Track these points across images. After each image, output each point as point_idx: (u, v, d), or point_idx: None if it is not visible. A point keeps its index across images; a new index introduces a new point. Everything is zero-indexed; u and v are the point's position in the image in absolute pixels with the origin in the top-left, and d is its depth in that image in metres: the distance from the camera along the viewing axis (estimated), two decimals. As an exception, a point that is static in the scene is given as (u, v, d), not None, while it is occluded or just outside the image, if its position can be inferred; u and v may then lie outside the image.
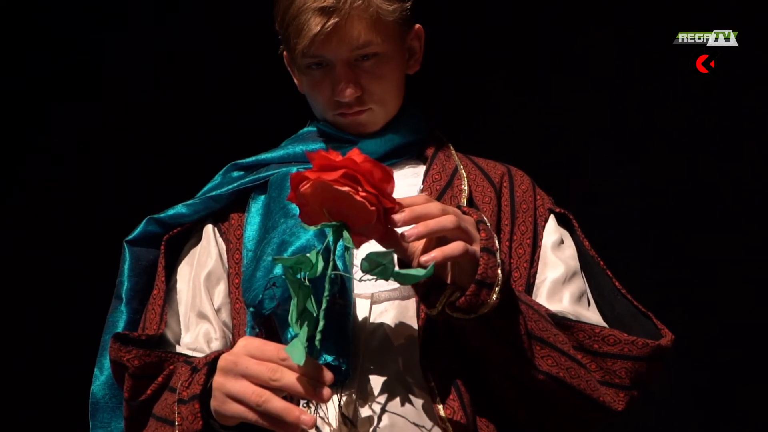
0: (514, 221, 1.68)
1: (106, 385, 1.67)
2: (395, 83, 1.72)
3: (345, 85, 1.65)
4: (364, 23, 1.62)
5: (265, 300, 1.51)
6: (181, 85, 2.49)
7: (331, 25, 1.59)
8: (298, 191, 1.31)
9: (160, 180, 2.37)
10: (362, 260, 1.32)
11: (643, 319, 1.59)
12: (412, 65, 1.77)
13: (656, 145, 2.31)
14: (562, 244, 1.69)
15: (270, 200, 1.66)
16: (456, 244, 1.34)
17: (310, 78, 1.69)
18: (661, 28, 2.08)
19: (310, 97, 1.74)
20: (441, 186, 1.67)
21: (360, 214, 1.31)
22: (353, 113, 1.69)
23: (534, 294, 1.63)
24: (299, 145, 1.74)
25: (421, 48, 1.78)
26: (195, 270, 1.69)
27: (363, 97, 1.67)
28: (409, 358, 1.51)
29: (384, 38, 1.65)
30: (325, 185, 1.29)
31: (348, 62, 1.65)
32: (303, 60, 1.66)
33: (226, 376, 1.33)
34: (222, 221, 1.72)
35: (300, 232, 1.55)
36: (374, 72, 1.67)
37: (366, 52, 1.64)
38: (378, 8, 1.63)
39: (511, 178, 1.74)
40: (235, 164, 1.78)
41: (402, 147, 1.73)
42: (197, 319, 1.65)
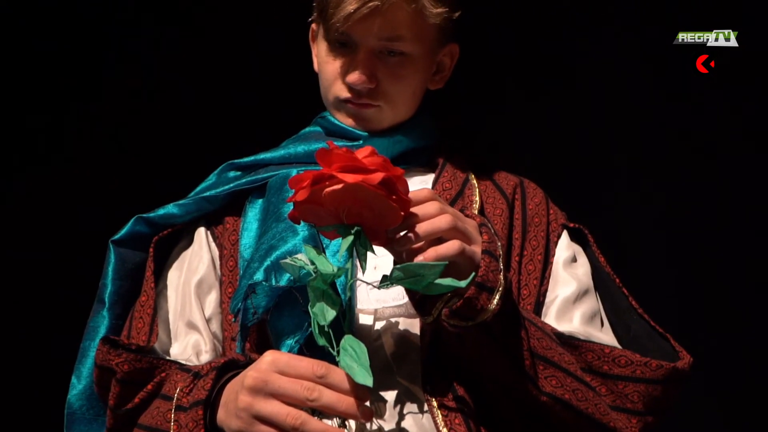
0: (525, 235, 1.60)
1: (83, 394, 1.57)
2: (412, 89, 1.64)
3: (361, 73, 1.57)
4: (402, 15, 1.54)
5: (248, 310, 1.43)
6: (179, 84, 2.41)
7: (371, 6, 1.51)
8: (317, 190, 1.22)
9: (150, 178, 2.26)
10: (394, 269, 1.24)
11: (661, 340, 1.51)
12: (436, 81, 1.70)
13: (681, 160, 2.26)
14: (575, 262, 1.61)
15: (269, 205, 1.57)
16: (451, 243, 1.28)
17: (330, 54, 1.61)
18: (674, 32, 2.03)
19: (322, 75, 1.65)
20: (452, 195, 1.59)
21: (385, 219, 1.25)
22: (360, 104, 1.61)
23: (543, 313, 1.55)
24: (301, 145, 1.66)
25: (450, 67, 1.71)
26: (185, 276, 1.60)
27: (375, 91, 1.59)
28: (413, 377, 1.43)
29: (417, 39, 1.58)
30: (359, 187, 1.21)
31: (373, 51, 1.58)
32: (331, 34, 1.58)
33: (254, 396, 1.24)
34: (216, 224, 1.63)
35: (288, 236, 1.47)
36: (395, 71, 1.59)
37: (394, 47, 1.57)
38: (423, 5, 1.55)
39: (523, 191, 1.66)
40: (231, 163, 1.69)
41: (411, 152, 1.65)
42: (186, 328, 1.56)
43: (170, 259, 1.64)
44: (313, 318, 1.25)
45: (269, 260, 1.44)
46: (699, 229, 2.21)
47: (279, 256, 1.44)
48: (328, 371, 1.22)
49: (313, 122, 1.72)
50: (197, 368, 1.39)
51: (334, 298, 1.24)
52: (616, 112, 2.24)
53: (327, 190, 1.22)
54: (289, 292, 1.41)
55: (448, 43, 1.67)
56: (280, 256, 1.44)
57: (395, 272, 1.24)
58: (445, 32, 1.63)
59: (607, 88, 2.24)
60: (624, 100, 2.25)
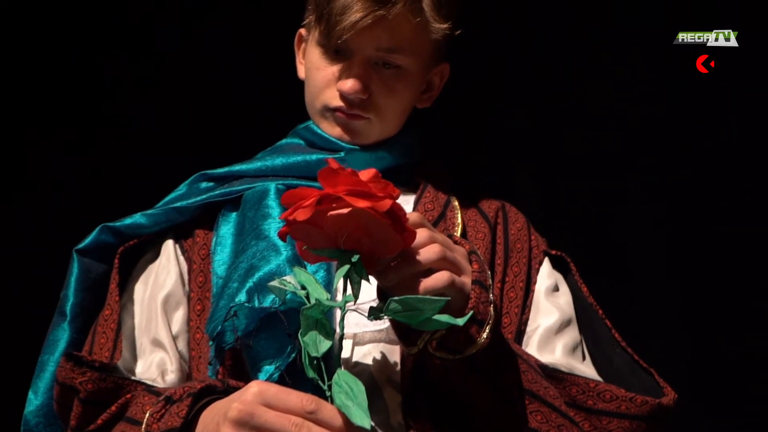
0: (507, 261, 1.57)
1: (40, 411, 1.50)
2: (403, 105, 1.60)
3: (355, 82, 1.53)
4: (405, 28, 1.52)
5: (226, 332, 1.37)
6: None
7: (377, 16, 1.48)
8: (321, 211, 1.17)
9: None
10: (391, 300, 1.18)
11: (643, 374, 1.48)
12: (424, 99, 1.67)
13: (680, 160, 2.23)
14: (556, 291, 1.58)
15: (244, 219, 1.51)
16: (440, 274, 1.24)
17: (323, 60, 1.57)
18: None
19: (311, 81, 1.60)
20: (434, 217, 1.55)
21: (384, 248, 1.20)
22: (350, 115, 1.56)
23: (524, 343, 1.52)
24: (279, 157, 1.60)
25: (439, 87, 1.68)
26: (151, 290, 1.54)
27: (367, 103, 1.55)
28: (392, 406, 1.38)
29: (415, 54, 1.55)
30: (364, 213, 1.16)
31: (369, 61, 1.54)
32: (332, 41, 1.53)
33: (238, 429, 1.15)
34: (185, 237, 1.57)
35: (270, 255, 1.42)
36: (389, 84, 1.55)
37: (391, 59, 1.54)
38: (428, 19, 1.53)
39: (505, 215, 1.63)
40: (204, 174, 1.63)
41: (392, 169, 1.60)
42: (151, 346, 1.50)
43: (136, 272, 1.57)
44: (304, 348, 1.19)
45: (251, 281, 1.38)
46: (700, 234, 2.19)
47: (262, 277, 1.38)
48: (318, 407, 1.15)
49: (291, 134, 1.66)
50: (168, 392, 1.32)
51: (329, 329, 1.19)
52: (616, 112, 2.22)
53: (332, 213, 1.17)
54: (271, 314, 1.36)
55: (442, 61, 1.64)
56: (263, 276, 1.38)
57: (392, 304, 1.19)
58: (440, 50, 1.61)
59: (607, 89, 2.22)
60: (624, 100, 2.23)
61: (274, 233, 1.45)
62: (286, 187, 1.55)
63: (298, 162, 1.59)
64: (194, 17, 2.20)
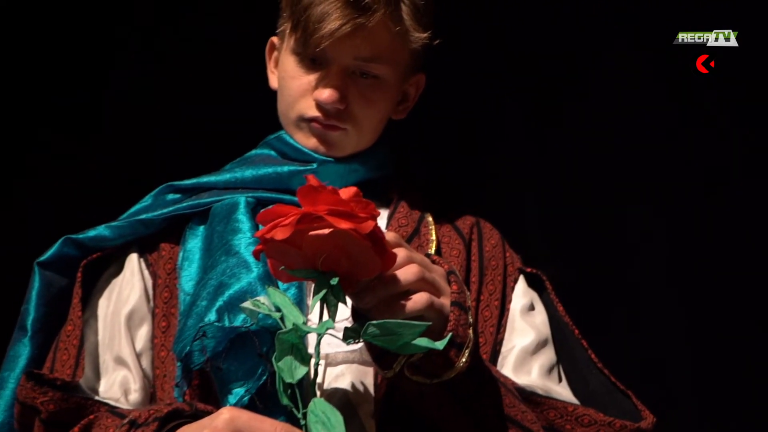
0: (483, 279, 1.53)
1: (1, 429, 1.45)
2: (380, 116, 1.57)
3: (333, 92, 1.49)
4: (384, 36, 1.48)
5: (194, 353, 1.32)
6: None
7: (356, 24, 1.44)
8: (301, 230, 1.13)
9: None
10: (370, 324, 1.15)
11: (620, 397, 1.45)
12: (400, 110, 1.63)
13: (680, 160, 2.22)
14: (532, 310, 1.55)
15: (213, 234, 1.47)
16: (419, 296, 1.21)
17: (299, 69, 1.53)
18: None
19: (286, 90, 1.55)
20: (407, 233, 1.52)
21: (362, 270, 1.16)
22: (326, 126, 1.52)
23: (500, 363, 1.49)
24: (249, 169, 1.56)
25: (414, 98, 1.65)
26: (114, 305, 1.49)
27: (344, 113, 1.51)
28: (366, 430, 1.35)
29: (393, 63, 1.52)
30: (346, 235, 1.12)
31: (346, 70, 1.50)
32: (308, 49, 1.49)
33: None
34: (150, 251, 1.52)
35: (241, 272, 1.37)
36: (366, 94, 1.52)
37: (369, 68, 1.50)
38: (407, 28, 1.50)
39: (480, 231, 1.60)
40: (170, 185, 1.58)
41: (365, 182, 1.56)
42: (114, 364, 1.45)
43: (99, 286, 1.52)
44: (278, 373, 1.15)
45: (222, 299, 1.34)
46: (704, 245, 2.18)
47: (232, 295, 1.34)
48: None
49: (262, 144, 1.62)
50: (133, 414, 1.28)
51: (305, 354, 1.15)
52: (615, 113, 2.21)
53: (312, 233, 1.13)
54: (242, 334, 1.32)
55: (418, 72, 1.61)
56: (234, 295, 1.34)
57: (370, 328, 1.15)
58: (417, 60, 1.57)
59: (606, 89, 2.21)
60: (622, 100, 2.22)
61: (245, 249, 1.41)
62: (256, 200, 1.51)
63: (269, 174, 1.54)
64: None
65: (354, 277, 1.18)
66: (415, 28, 1.51)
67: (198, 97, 2.11)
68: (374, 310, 1.21)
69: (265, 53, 1.65)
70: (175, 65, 2.15)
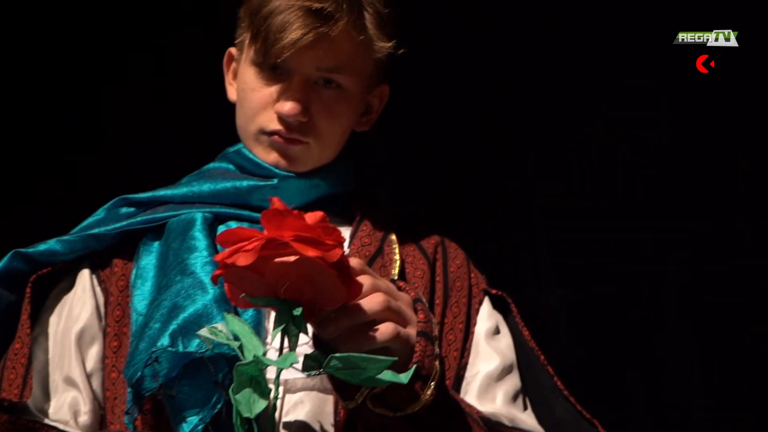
0: (447, 301, 1.49)
1: None
2: (343, 128, 1.52)
3: (295, 104, 1.44)
4: (348, 45, 1.44)
5: (146, 378, 1.27)
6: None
7: (319, 33, 1.40)
8: (265, 257, 1.07)
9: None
10: (332, 357, 1.10)
11: (586, 425, 1.43)
12: (363, 122, 1.58)
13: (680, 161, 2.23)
14: (497, 333, 1.51)
15: (168, 251, 1.41)
16: (384, 326, 1.16)
17: (259, 80, 1.47)
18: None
19: (245, 103, 1.50)
20: (371, 252, 1.47)
21: (326, 299, 1.12)
22: (288, 140, 1.47)
23: (463, 390, 1.45)
24: (206, 183, 1.50)
25: (378, 110, 1.60)
26: (65, 323, 1.43)
27: (306, 126, 1.46)
28: None
29: (356, 73, 1.48)
30: (312, 263, 1.07)
31: (308, 81, 1.45)
32: (269, 59, 1.45)
33: None
34: (102, 267, 1.46)
35: (196, 294, 1.33)
36: (329, 106, 1.47)
37: (333, 77, 1.45)
38: (371, 37, 1.46)
39: (444, 251, 1.55)
40: (125, 198, 1.53)
41: (327, 198, 1.52)
42: (64, 384, 1.39)
43: (49, 302, 1.46)
44: (235, 406, 1.10)
45: (175, 322, 1.29)
46: (719, 277, 2.18)
47: (187, 318, 1.29)
48: None
49: (220, 157, 1.56)
50: None
51: (264, 387, 1.10)
52: (614, 114, 2.22)
53: (277, 260, 1.08)
54: (197, 359, 1.27)
55: (382, 82, 1.57)
56: (188, 318, 1.29)
57: (333, 361, 1.10)
58: (381, 70, 1.53)
59: (605, 89, 2.22)
60: (622, 100, 2.23)
61: (201, 268, 1.36)
62: (213, 216, 1.46)
63: (228, 189, 1.49)
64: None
65: (317, 306, 1.13)
66: (379, 37, 1.48)
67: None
68: (337, 340, 1.17)
69: (223, 64, 1.60)
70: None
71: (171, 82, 2.07)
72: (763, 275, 2.12)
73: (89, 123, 2.12)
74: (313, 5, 1.40)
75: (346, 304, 1.15)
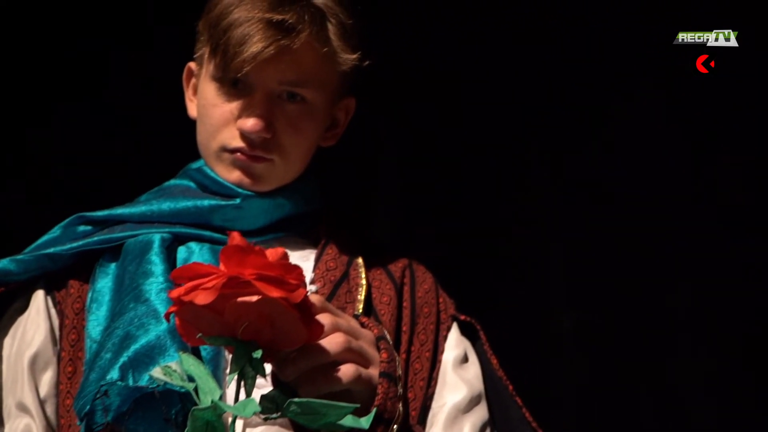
0: (414, 328, 1.45)
1: None
2: (308, 144, 1.46)
3: (258, 120, 1.39)
4: (311, 58, 1.39)
5: (96, 412, 1.23)
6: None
7: (281, 46, 1.35)
8: (226, 296, 1.03)
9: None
10: (291, 402, 1.06)
11: None
12: (329, 137, 1.53)
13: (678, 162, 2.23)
14: (465, 362, 1.47)
15: (124, 274, 1.36)
16: (345, 368, 1.15)
17: (220, 96, 1.42)
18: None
19: (206, 119, 1.45)
20: (336, 277, 1.42)
21: (285, 341, 1.09)
22: (251, 157, 1.41)
23: (429, 421, 1.40)
24: (166, 201, 1.45)
25: (344, 124, 1.54)
26: (18, 346, 1.39)
27: (270, 143, 1.41)
28: None
29: (321, 86, 1.42)
30: (274, 303, 1.03)
31: (271, 95, 1.40)
32: (229, 74, 1.39)
33: None
34: (58, 288, 1.41)
35: (150, 324, 1.27)
36: (294, 121, 1.41)
37: (296, 91, 1.40)
38: (335, 49, 1.41)
39: (412, 275, 1.51)
40: (82, 216, 1.47)
41: (291, 218, 1.47)
42: (17, 410, 1.35)
43: (2, 323, 1.42)
44: None
45: (126, 354, 1.24)
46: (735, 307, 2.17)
47: (138, 351, 1.24)
48: None
49: (181, 174, 1.51)
50: None
51: None
52: (614, 114, 2.21)
53: (240, 300, 1.03)
54: (149, 393, 1.23)
55: (347, 95, 1.51)
56: (140, 350, 1.24)
57: (291, 406, 1.06)
58: (346, 83, 1.48)
59: (604, 90, 2.20)
60: (621, 100, 2.21)
61: (156, 295, 1.31)
62: (173, 236, 1.41)
63: (189, 208, 1.44)
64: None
65: (276, 347, 1.10)
66: (343, 48, 1.42)
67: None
68: (296, 382, 1.13)
69: (182, 80, 1.54)
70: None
71: (128, 98, 2.02)
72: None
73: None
74: (274, 17, 1.35)
75: (305, 345, 1.11)
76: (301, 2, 1.39)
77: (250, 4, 1.37)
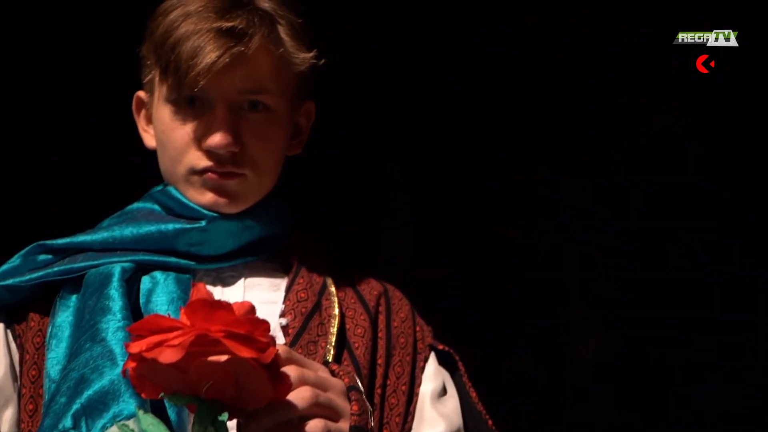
0: (390, 360, 1.38)
1: None
2: (278, 153, 1.40)
3: (224, 135, 1.32)
4: (267, 63, 1.34)
5: None
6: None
7: (234, 53, 1.29)
8: (193, 354, 0.97)
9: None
10: None
11: None
12: (294, 145, 1.46)
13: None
14: (443, 395, 1.40)
15: (84, 308, 1.30)
16: (313, 424, 1.10)
17: (177, 118, 1.35)
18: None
19: (168, 145, 1.38)
20: (307, 309, 1.36)
21: (250, 400, 1.03)
22: (222, 174, 1.35)
23: None
24: (128, 227, 1.38)
25: (307, 129, 1.48)
26: None
27: (240, 156, 1.35)
28: None
29: (280, 92, 1.37)
30: (243, 363, 0.98)
31: (233, 107, 1.34)
32: (184, 91, 1.33)
33: None
34: (18, 320, 1.35)
35: (104, 366, 1.21)
36: (260, 130, 1.35)
37: (257, 98, 1.34)
38: (289, 49, 1.36)
39: (388, 302, 1.44)
40: (42, 245, 1.40)
41: (261, 241, 1.40)
42: None
43: None
44: None
45: (79, 401, 1.18)
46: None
47: (91, 397, 1.18)
48: None
49: (145, 197, 1.44)
50: None
51: None
52: (614, 114, 2.18)
53: (209, 359, 0.98)
54: None
55: (306, 99, 1.46)
56: (92, 396, 1.18)
57: None
58: (303, 85, 1.42)
59: (604, 89, 2.17)
60: (621, 99, 2.19)
61: (112, 335, 1.24)
62: (135, 265, 1.34)
63: (152, 233, 1.37)
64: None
65: (240, 406, 1.04)
66: (297, 47, 1.37)
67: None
68: None
69: (133, 112, 1.47)
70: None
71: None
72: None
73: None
74: (222, 25, 1.30)
75: (271, 401, 1.06)
76: (248, 7, 1.34)
77: (195, 17, 1.31)
